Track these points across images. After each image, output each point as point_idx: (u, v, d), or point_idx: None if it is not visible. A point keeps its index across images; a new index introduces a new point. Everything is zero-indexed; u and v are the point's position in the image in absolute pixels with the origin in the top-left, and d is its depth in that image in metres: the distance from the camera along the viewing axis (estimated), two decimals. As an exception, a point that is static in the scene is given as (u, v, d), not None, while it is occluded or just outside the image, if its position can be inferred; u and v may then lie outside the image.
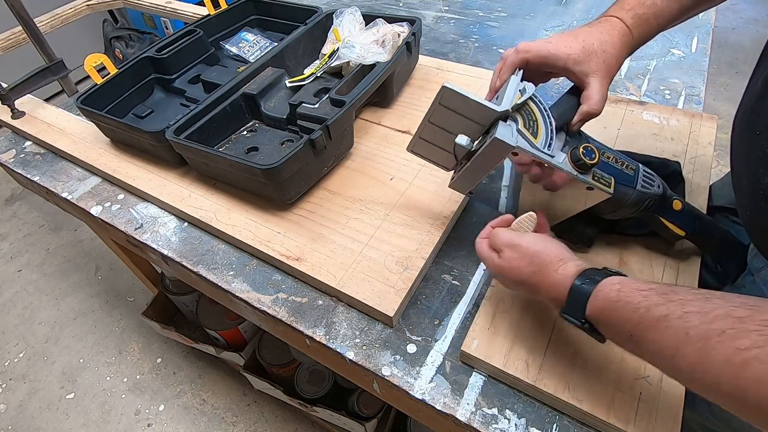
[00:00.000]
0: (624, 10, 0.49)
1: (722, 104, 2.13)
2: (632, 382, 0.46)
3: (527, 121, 0.48)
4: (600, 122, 0.74)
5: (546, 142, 0.47)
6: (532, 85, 0.49)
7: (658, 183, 0.51)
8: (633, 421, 0.43)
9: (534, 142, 0.47)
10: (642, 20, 0.48)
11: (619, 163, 0.50)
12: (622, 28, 0.49)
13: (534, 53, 0.49)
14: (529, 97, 0.48)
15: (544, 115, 0.48)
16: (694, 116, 0.74)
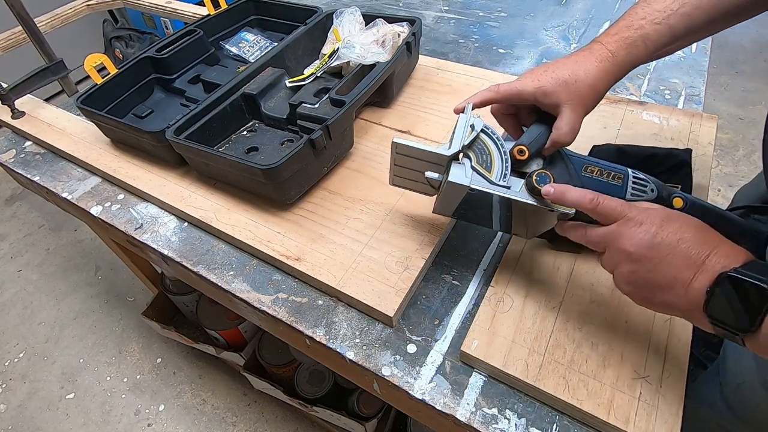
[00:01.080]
0: (609, 36, 0.49)
1: (722, 104, 2.13)
2: (632, 382, 0.46)
3: (480, 155, 0.49)
4: (600, 122, 0.74)
5: (501, 173, 0.48)
6: (480, 120, 0.49)
7: (652, 187, 0.49)
8: (633, 421, 0.43)
9: (488, 176, 0.48)
10: (628, 43, 0.48)
11: (603, 175, 0.49)
12: (603, 53, 0.48)
13: (501, 94, 0.50)
14: (482, 130, 0.49)
15: (497, 145, 0.49)
16: (694, 116, 0.74)
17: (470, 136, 0.48)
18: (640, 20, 0.48)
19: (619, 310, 0.52)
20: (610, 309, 0.52)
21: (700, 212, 0.49)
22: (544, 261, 0.57)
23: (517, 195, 0.48)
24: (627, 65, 0.49)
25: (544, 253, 0.58)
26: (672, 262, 0.37)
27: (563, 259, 0.57)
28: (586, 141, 0.71)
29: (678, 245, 0.37)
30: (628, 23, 0.48)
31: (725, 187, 1.77)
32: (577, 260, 0.57)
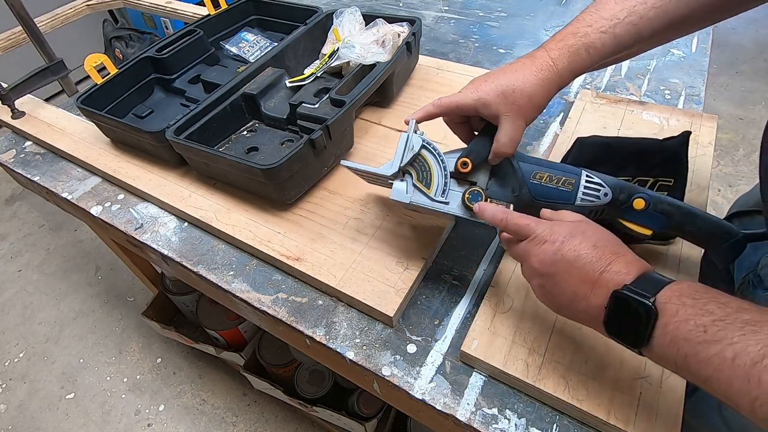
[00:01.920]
0: (554, 41, 0.48)
1: (722, 104, 2.13)
2: (632, 383, 0.46)
3: (420, 172, 0.50)
4: (600, 122, 0.74)
5: (440, 189, 0.49)
6: (419, 138, 0.50)
7: (606, 191, 0.48)
8: (633, 422, 0.43)
9: (428, 193, 0.50)
10: (571, 51, 0.46)
11: (553, 181, 0.48)
12: (544, 62, 0.47)
13: (443, 107, 0.50)
14: (423, 146, 0.50)
15: (437, 161, 0.50)
16: (694, 116, 0.74)
17: (410, 153, 0.50)
18: (585, 27, 0.46)
19: None
20: None
21: (668, 211, 0.48)
22: None
23: (453, 211, 0.50)
24: (568, 74, 0.47)
25: None
26: (569, 279, 0.38)
27: None
28: None
29: (576, 261, 0.38)
30: (574, 30, 0.47)
31: (725, 187, 1.76)
32: None
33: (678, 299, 0.33)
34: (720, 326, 0.29)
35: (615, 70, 0.90)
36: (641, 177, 0.55)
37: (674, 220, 0.48)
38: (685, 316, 0.31)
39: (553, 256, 0.39)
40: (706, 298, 0.32)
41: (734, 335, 0.28)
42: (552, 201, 0.48)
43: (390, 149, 0.74)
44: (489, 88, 0.47)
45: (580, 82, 0.88)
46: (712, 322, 0.30)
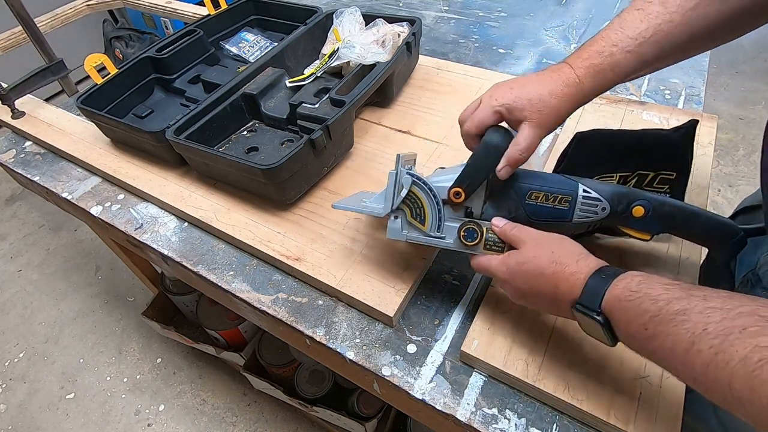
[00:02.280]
0: (580, 59, 0.48)
1: (722, 104, 2.13)
2: (632, 383, 0.46)
3: (413, 209, 0.50)
4: (600, 122, 0.74)
5: (434, 224, 0.50)
6: (409, 177, 0.49)
7: (604, 205, 0.47)
8: (633, 421, 0.43)
9: (423, 229, 0.50)
10: (596, 71, 0.47)
11: (549, 200, 0.48)
12: (570, 78, 0.48)
13: (475, 125, 0.52)
14: (413, 183, 0.49)
15: (429, 196, 0.50)
16: (693, 116, 0.74)
17: (401, 194, 0.49)
18: (611, 47, 0.47)
19: None
20: None
21: (669, 213, 0.47)
22: None
23: (450, 245, 0.50)
24: (592, 92, 0.48)
25: None
26: (540, 302, 0.44)
27: None
28: None
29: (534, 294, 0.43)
30: (600, 49, 0.47)
31: (725, 187, 1.76)
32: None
33: (618, 304, 0.36)
34: (656, 322, 0.32)
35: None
36: (642, 171, 0.54)
37: (675, 222, 0.48)
38: (626, 319, 0.35)
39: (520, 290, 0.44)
40: (640, 298, 0.34)
41: (668, 329, 0.31)
42: (548, 220, 0.48)
43: (390, 149, 0.74)
44: (515, 95, 0.48)
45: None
46: (649, 320, 0.33)
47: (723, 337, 0.28)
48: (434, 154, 0.73)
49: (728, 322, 0.28)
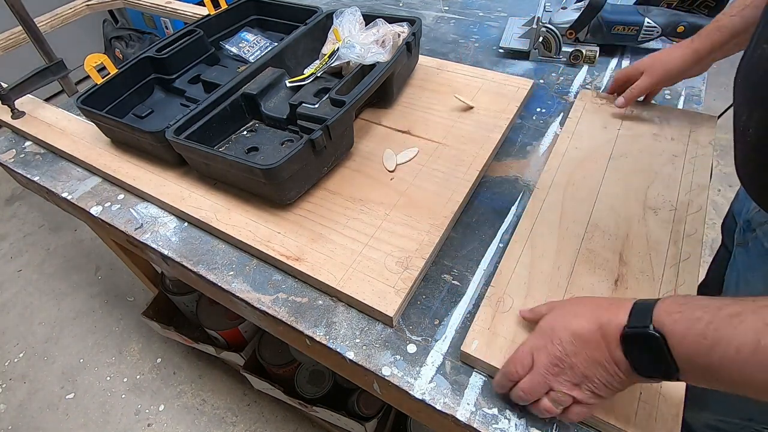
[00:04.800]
0: (698, 33, 0.66)
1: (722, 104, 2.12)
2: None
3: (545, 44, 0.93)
4: (600, 122, 0.75)
5: (557, 49, 0.92)
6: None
7: (657, 29, 0.87)
8: (633, 421, 0.43)
9: (550, 55, 0.93)
10: (706, 32, 0.64)
11: (625, 29, 0.88)
12: (685, 44, 0.67)
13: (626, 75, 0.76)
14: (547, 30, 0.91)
15: (555, 35, 0.92)
16: (693, 116, 0.74)
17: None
18: (721, 15, 0.62)
19: None
20: None
21: (698, 27, 0.74)
22: (545, 261, 0.57)
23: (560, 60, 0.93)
24: (705, 50, 0.64)
25: (545, 253, 0.58)
26: (583, 356, 0.39)
27: (564, 259, 0.57)
28: (588, 140, 0.72)
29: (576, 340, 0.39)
30: (714, 20, 0.63)
31: (725, 187, 1.77)
32: (577, 260, 0.57)
33: (669, 317, 0.34)
34: (713, 328, 0.31)
35: (615, 70, 0.90)
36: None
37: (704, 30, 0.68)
38: (682, 331, 0.32)
39: (556, 352, 0.40)
40: (690, 308, 0.33)
41: (728, 332, 0.30)
42: (623, 42, 0.89)
43: (390, 149, 0.74)
44: (646, 59, 0.71)
45: (579, 83, 0.87)
46: (706, 327, 0.31)
47: None
48: (434, 153, 0.73)
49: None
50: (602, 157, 0.69)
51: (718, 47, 0.62)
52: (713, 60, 0.65)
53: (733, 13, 0.60)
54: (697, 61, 0.65)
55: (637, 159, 0.68)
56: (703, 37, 0.64)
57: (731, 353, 0.30)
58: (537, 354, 0.41)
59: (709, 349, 0.31)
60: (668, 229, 0.58)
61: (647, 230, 0.59)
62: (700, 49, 0.64)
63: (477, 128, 0.76)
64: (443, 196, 0.66)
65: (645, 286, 0.53)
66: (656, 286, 0.53)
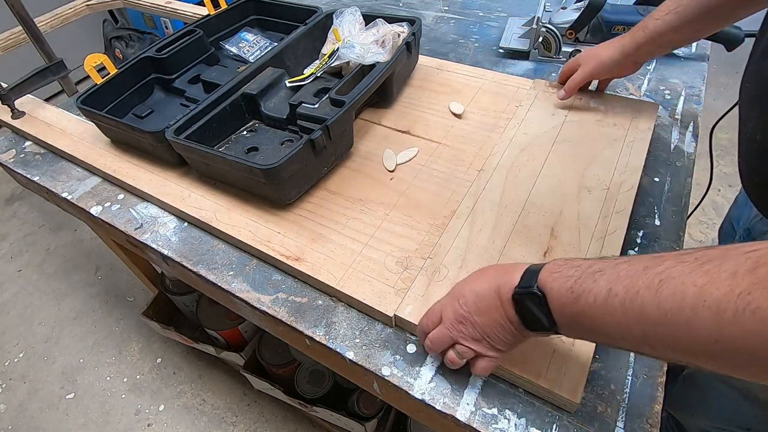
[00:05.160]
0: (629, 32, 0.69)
1: (722, 104, 2.13)
2: (547, 341, 0.49)
3: (545, 44, 0.93)
4: (549, 109, 0.78)
5: (557, 49, 0.93)
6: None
7: None
8: (544, 375, 0.47)
9: (550, 55, 0.92)
10: (633, 32, 0.67)
11: (625, 30, 0.86)
12: (615, 40, 0.71)
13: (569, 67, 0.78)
14: (547, 30, 0.91)
15: (555, 36, 0.92)
16: (637, 104, 0.77)
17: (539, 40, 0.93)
18: (648, 16, 0.66)
19: None
20: None
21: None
22: (482, 235, 0.60)
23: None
24: (630, 48, 0.68)
25: (483, 228, 0.61)
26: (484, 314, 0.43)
27: (499, 234, 0.60)
28: (536, 126, 0.75)
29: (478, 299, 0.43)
30: (640, 22, 0.67)
31: (725, 187, 1.76)
32: (512, 234, 0.59)
33: (549, 277, 0.38)
34: (579, 283, 0.35)
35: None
36: None
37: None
38: (558, 288, 0.37)
39: (461, 310, 0.44)
40: (565, 268, 0.38)
41: (589, 285, 0.35)
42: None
43: (390, 149, 0.74)
44: (584, 53, 0.75)
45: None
46: (574, 283, 0.36)
47: (630, 277, 0.32)
48: (434, 153, 0.73)
49: (634, 266, 0.33)
50: (547, 141, 0.72)
51: (643, 45, 0.66)
52: (642, 58, 0.69)
53: (657, 17, 0.64)
54: (624, 56, 0.68)
55: (580, 143, 0.71)
56: (630, 36, 0.68)
57: (590, 301, 0.34)
58: (445, 311, 0.46)
59: (575, 301, 0.35)
60: (599, 206, 0.61)
61: (580, 207, 0.61)
62: (626, 45, 0.68)
63: (477, 128, 0.76)
64: (443, 196, 0.66)
65: (571, 256, 0.55)
66: (581, 257, 0.55)
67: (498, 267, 0.45)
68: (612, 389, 0.48)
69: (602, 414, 0.47)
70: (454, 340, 0.45)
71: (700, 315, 0.27)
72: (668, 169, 0.71)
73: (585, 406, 0.47)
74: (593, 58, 0.72)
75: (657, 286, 0.30)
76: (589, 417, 0.46)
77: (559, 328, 0.38)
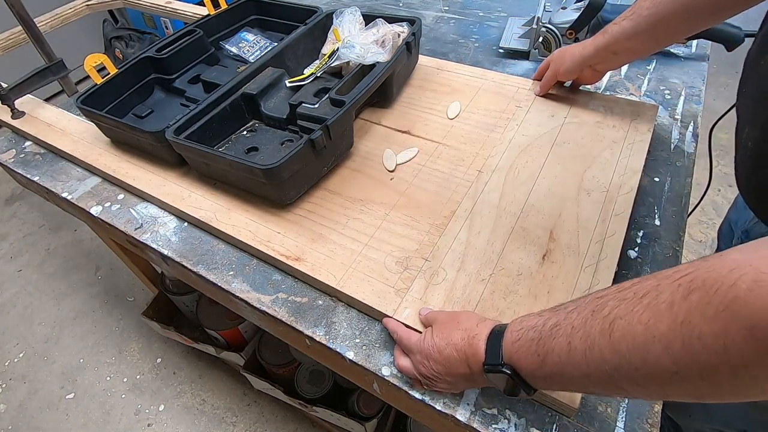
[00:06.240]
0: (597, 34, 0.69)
1: (722, 104, 2.13)
2: None
3: (545, 44, 0.92)
4: (548, 111, 0.78)
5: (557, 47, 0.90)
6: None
7: None
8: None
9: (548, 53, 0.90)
10: (598, 35, 0.68)
11: None
12: (583, 42, 0.71)
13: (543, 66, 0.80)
14: (548, 30, 0.90)
15: (556, 35, 0.92)
16: (637, 105, 0.76)
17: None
18: (609, 24, 0.67)
19: (543, 282, 0.54)
20: (534, 281, 0.54)
21: None
22: (480, 238, 0.60)
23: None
24: (590, 47, 0.69)
25: (481, 231, 0.60)
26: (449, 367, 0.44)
27: (498, 236, 0.60)
28: (535, 127, 0.75)
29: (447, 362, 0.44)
30: (608, 25, 0.67)
31: (725, 187, 1.77)
32: (510, 237, 0.59)
33: (513, 347, 0.38)
34: (541, 344, 0.36)
35: (615, 70, 0.90)
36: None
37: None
38: (524, 357, 0.37)
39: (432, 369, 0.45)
40: (524, 333, 0.38)
41: (550, 344, 0.35)
42: None
43: (390, 149, 0.74)
44: (556, 52, 0.76)
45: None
46: (537, 346, 0.36)
47: (583, 327, 0.32)
48: (434, 153, 0.73)
49: (582, 312, 0.33)
50: (546, 143, 0.72)
51: (602, 47, 0.67)
52: (599, 65, 0.70)
53: (616, 22, 0.65)
54: (585, 56, 0.69)
55: (579, 145, 0.71)
56: (592, 38, 0.69)
57: (556, 360, 0.34)
58: (419, 342, 0.47)
59: (542, 364, 0.36)
60: (598, 209, 0.61)
61: (579, 210, 0.61)
62: (587, 45, 0.69)
63: (477, 128, 0.76)
64: (443, 196, 0.66)
65: (570, 260, 0.56)
66: (580, 260, 0.55)
67: (462, 331, 0.44)
68: (612, 389, 0.48)
69: (602, 414, 0.47)
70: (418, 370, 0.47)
71: (652, 351, 0.28)
72: (668, 169, 0.71)
73: (585, 406, 0.47)
74: (558, 60, 0.74)
75: (609, 330, 0.30)
76: (589, 417, 0.46)
77: (538, 388, 0.39)
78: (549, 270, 0.55)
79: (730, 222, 0.76)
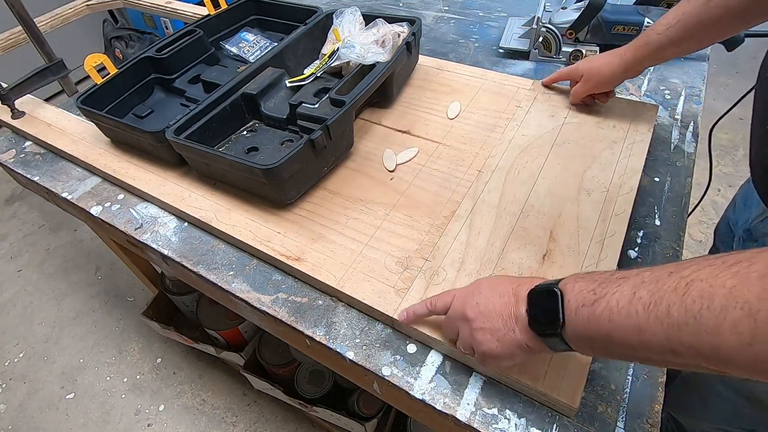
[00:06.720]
0: (630, 43, 0.69)
1: (722, 104, 2.12)
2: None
3: (545, 44, 0.93)
4: (548, 111, 0.78)
5: (557, 49, 0.92)
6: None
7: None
8: (542, 380, 0.47)
9: (550, 54, 0.93)
10: (635, 47, 0.67)
11: (626, 29, 0.87)
12: (616, 53, 0.70)
13: (563, 73, 0.79)
14: (547, 30, 0.91)
15: (556, 36, 0.93)
16: (637, 106, 0.76)
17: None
18: (650, 32, 0.66)
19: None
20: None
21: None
22: (480, 238, 0.60)
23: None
24: (632, 60, 0.67)
25: (481, 231, 0.61)
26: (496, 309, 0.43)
27: (498, 236, 0.60)
28: (535, 128, 0.75)
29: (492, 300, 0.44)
30: (644, 35, 0.67)
31: (725, 187, 1.77)
32: (510, 237, 0.59)
33: (573, 280, 0.38)
34: (603, 287, 0.35)
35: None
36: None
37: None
38: (579, 289, 0.37)
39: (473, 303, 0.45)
40: (594, 275, 0.38)
41: (612, 288, 0.35)
42: (623, 43, 0.71)
43: (390, 149, 0.74)
44: (583, 63, 0.74)
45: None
46: (597, 286, 0.36)
47: (655, 282, 0.32)
48: (434, 153, 0.73)
49: (657, 272, 0.33)
50: (547, 143, 0.72)
51: (645, 60, 0.67)
52: (642, 69, 0.70)
53: (659, 32, 0.64)
54: (626, 70, 0.69)
55: (579, 145, 0.71)
56: (632, 50, 0.68)
57: (612, 304, 0.34)
58: (456, 300, 0.46)
59: (594, 302, 0.35)
60: (598, 209, 0.61)
61: (579, 210, 0.61)
62: (628, 60, 0.68)
63: (477, 128, 0.76)
64: (443, 196, 0.66)
65: (570, 260, 0.56)
66: (580, 260, 0.56)
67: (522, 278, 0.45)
68: (612, 389, 0.48)
69: (602, 414, 0.47)
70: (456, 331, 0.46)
71: (731, 316, 0.27)
72: (668, 168, 0.71)
73: (585, 406, 0.47)
74: (596, 75, 0.71)
75: (684, 289, 0.29)
76: (590, 417, 0.46)
77: (567, 332, 0.37)
78: (549, 270, 0.55)
79: (729, 222, 0.76)
